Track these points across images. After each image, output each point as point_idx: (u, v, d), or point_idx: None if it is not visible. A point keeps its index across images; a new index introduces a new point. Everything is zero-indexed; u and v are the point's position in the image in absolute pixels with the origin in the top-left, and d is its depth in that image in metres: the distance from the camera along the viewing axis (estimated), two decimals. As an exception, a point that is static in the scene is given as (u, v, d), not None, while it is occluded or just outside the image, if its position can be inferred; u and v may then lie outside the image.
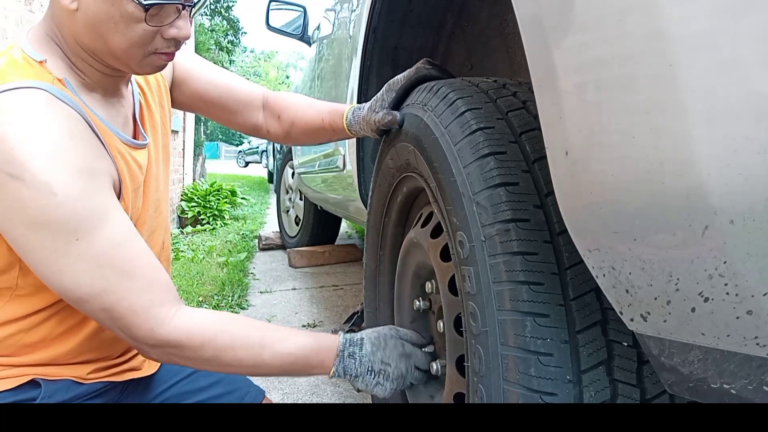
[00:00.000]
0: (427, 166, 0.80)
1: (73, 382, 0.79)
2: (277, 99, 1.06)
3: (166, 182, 0.93)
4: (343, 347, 0.80)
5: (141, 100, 0.87)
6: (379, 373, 0.81)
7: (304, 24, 2.80)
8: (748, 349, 0.40)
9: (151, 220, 0.86)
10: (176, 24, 0.71)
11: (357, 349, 0.81)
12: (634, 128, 0.40)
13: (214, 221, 4.92)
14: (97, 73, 0.74)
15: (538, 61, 0.50)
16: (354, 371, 0.80)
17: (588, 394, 0.58)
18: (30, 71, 0.68)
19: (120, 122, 0.79)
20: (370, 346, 0.82)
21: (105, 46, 0.70)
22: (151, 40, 0.70)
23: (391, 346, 0.84)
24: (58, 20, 0.71)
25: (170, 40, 0.72)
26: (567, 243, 0.60)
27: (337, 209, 2.48)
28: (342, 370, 0.79)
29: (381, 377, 0.81)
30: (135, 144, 0.80)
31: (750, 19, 0.34)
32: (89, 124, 0.70)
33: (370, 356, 0.81)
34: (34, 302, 0.75)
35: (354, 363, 0.80)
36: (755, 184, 0.35)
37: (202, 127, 8.63)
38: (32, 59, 0.70)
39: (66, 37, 0.71)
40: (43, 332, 0.76)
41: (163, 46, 0.72)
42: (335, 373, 0.79)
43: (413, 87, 0.92)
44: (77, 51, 0.72)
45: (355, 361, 0.80)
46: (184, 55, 0.99)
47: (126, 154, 0.77)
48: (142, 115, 0.86)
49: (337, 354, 0.80)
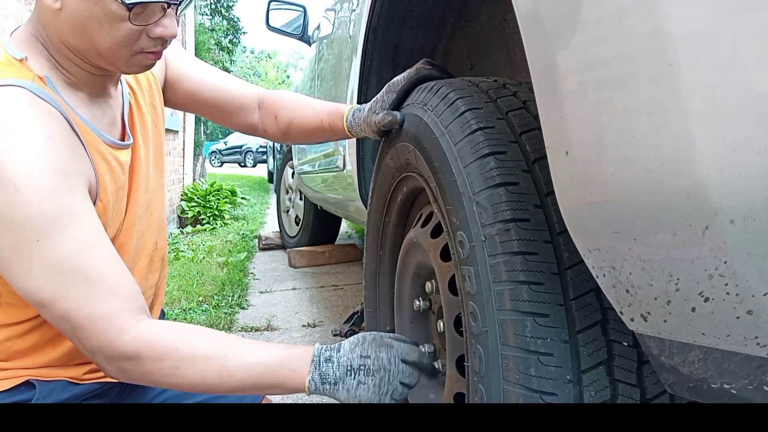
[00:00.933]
0: (427, 166, 0.80)
1: (68, 382, 0.79)
2: (273, 99, 1.05)
3: (159, 183, 0.92)
4: (318, 352, 0.73)
5: (131, 101, 0.86)
6: (359, 369, 0.72)
7: (304, 24, 2.80)
8: (749, 349, 0.40)
9: (141, 221, 0.85)
10: (161, 23, 0.70)
11: (334, 352, 0.73)
12: (635, 128, 0.40)
13: (214, 221, 4.92)
14: (83, 72, 0.73)
15: (539, 60, 0.50)
16: (333, 377, 0.71)
17: (588, 394, 0.58)
18: (10, 70, 0.68)
19: (105, 122, 0.78)
20: (348, 346, 0.74)
21: (91, 46, 0.69)
22: (137, 40, 0.70)
23: (370, 340, 0.75)
24: (43, 20, 0.70)
25: (156, 39, 0.71)
26: (567, 243, 0.60)
27: (337, 209, 2.48)
28: (318, 378, 0.70)
29: (362, 373, 0.71)
30: (117, 144, 0.79)
31: (750, 19, 0.34)
32: (69, 123, 0.70)
33: (348, 354, 0.72)
34: (23, 310, 0.73)
35: (331, 366, 0.71)
36: (755, 184, 0.35)
37: (202, 127, 8.63)
38: (13, 58, 0.69)
39: (51, 36, 0.70)
40: (34, 338, 0.75)
41: (149, 45, 0.71)
42: (311, 382, 0.70)
43: (413, 88, 0.92)
44: (63, 50, 0.71)
45: (332, 364, 0.71)
46: (178, 55, 0.99)
47: (107, 154, 0.76)
48: (131, 116, 0.85)
49: (312, 359, 0.72)
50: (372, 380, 0.72)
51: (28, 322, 0.74)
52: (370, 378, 0.72)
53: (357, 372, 0.71)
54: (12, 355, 0.75)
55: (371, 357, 0.73)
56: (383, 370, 0.72)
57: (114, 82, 0.81)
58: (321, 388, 0.71)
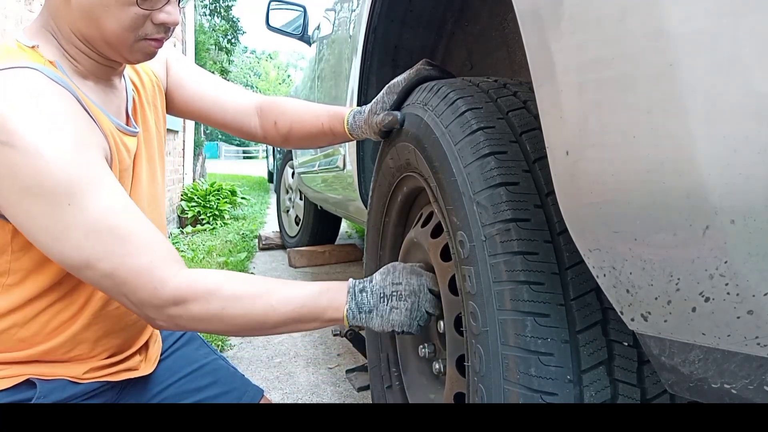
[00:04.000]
0: (427, 166, 0.80)
1: (69, 382, 0.80)
2: (271, 105, 1.06)
3: (161, 180, 0.94)
4: (353, 284, 0.78)
5: (134, 96, 0.89)
6: (392, 295, 0.77)
7: (304, 24, 2.80)
8: (749, 349, 0.40)
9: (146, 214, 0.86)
10: (166, 9, 0.74)
11: (367, 283, 0.78)
12: (635, 128, 0.40)
13: (214, 221, 4.92)
14: (90, 61, 0.77)
15: (539, 60, 0.50)
16: (368, 305, 0.76)
17: (588, 394, 0.58)
18: (23, 55, 0.71)
19: (113, 109, 0.81)
20: (380, 276, 0.80)
21: (98, 32, 0.73)
22: (142, 25, 0.74)
23: (400, 268, 0.81)
24: (54, 11, 0.74)
25: (160, 26, 0.75)
26: (567, 243, 0.60)
27: (337, 209, 2.48)
28: (355, 307, 0.75)
29: (394, 299, 0.76)
30: (126, 129, 0.83)
31: (750, 19, 0.34)
32: (81, 104, 0.73)
33: (380, 283, 0.78)
34: (24, 291, 0.75)
35: (366, 296, 0.76)
36: (756, 184, 0.35)
37: (202, 127, 8.63)
38: (25, 45, 0.73)
39: (61, 26, 0.74)
40: (37, 326, 0.77)
41: (153, 31, 0.75)
42: (349, 311, 0.75)
43: (413, 88, 0.92)
44: (72, 39, 0.75)
45: (366, 293, 0.76)
46: (178, 62, 1.02)
47: (116, 137, 0.79)
48: (134, 111, 0.88)
49: (348, 291, 0.77)
50: (404, 304, 0.76)
51: (30, 305, 0.76)
52: (402, 302, 0.76)
53: (390, 298, 0.77)
54: (15, 344, 0.76)
55: (402, 283, 0.78)
56: (414, 295, 0.77)
57: (118, 75, 0.84)
58: (358, 317, 0.75)
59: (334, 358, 1.95)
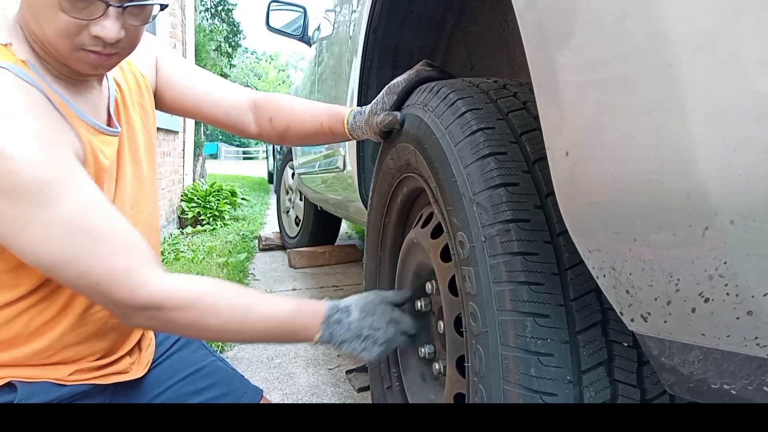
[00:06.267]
0: (427, 167, 0.80)
1: (53, 384, 0.78)
2: (267, 102, 1.05)
3: (149, 181, 0.92)
4: (329, 312, 0.80)
5: (117, 97, 0.87)
6: (367, 338, 0.80)
7: (305, 25, 2.80)
8: (748, 349, 0.40)
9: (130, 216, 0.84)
10: (101, 22, 0.68)
11: (344, 316, 0.80)
12: (635, 128, 0.40)
13: (214, 222, 4.92)
14: (55, 61, 0.74)
15: (539, 61, 0.50)
16: (341, 337, 0.79)
17: (588, 394, 0.58)
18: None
19: (89, 109, 0.79)
20: (358, 313, 0.81)
21: (42, 32, 0.70)
22: (77, 34, 0.69)
23: (380, 312, 0.84)
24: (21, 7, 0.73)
25: (96, 39, 0.70)
26: (567, 243, 0.60)
27: (337, 210, 2.48)
28: (328, 336, 0.79)
29: (369, 342, 0.80)
30: (105, 129, 0.80)
31: (750, 19, 0.34)
32: (51, 103, 0.71)
33: (358, 322, 0.80)
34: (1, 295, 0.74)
35: (341, 329, 0.79)
36: (755, 185, 0.35)
37: (202, 127, 8.63)
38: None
39: (24, 25, 0.73)
40: (18, 327, 0.75)
41: (89, 43, 0.70)
42: (321, 338, 0.78)
43: (413, 89, 0.92)
44: (35, 39, 0.72)
45: (342, 326, 0.79)
46: (168, 59, 0.99)
47: (91, 136, 0.77)
48: (117, 111, 0.86)
49: (323, 319, 0.79)
50: (377, 349, 0.81)
51: (10, 307, 0.74)
52: (376, 347, 0.81)
53: (365, 339, 0.81)
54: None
55: (380, 329, 0.82)
56: (388, 342, 0.82)
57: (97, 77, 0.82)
58: (329, 343, 0.80)
59: (334, 358, 1.95)
